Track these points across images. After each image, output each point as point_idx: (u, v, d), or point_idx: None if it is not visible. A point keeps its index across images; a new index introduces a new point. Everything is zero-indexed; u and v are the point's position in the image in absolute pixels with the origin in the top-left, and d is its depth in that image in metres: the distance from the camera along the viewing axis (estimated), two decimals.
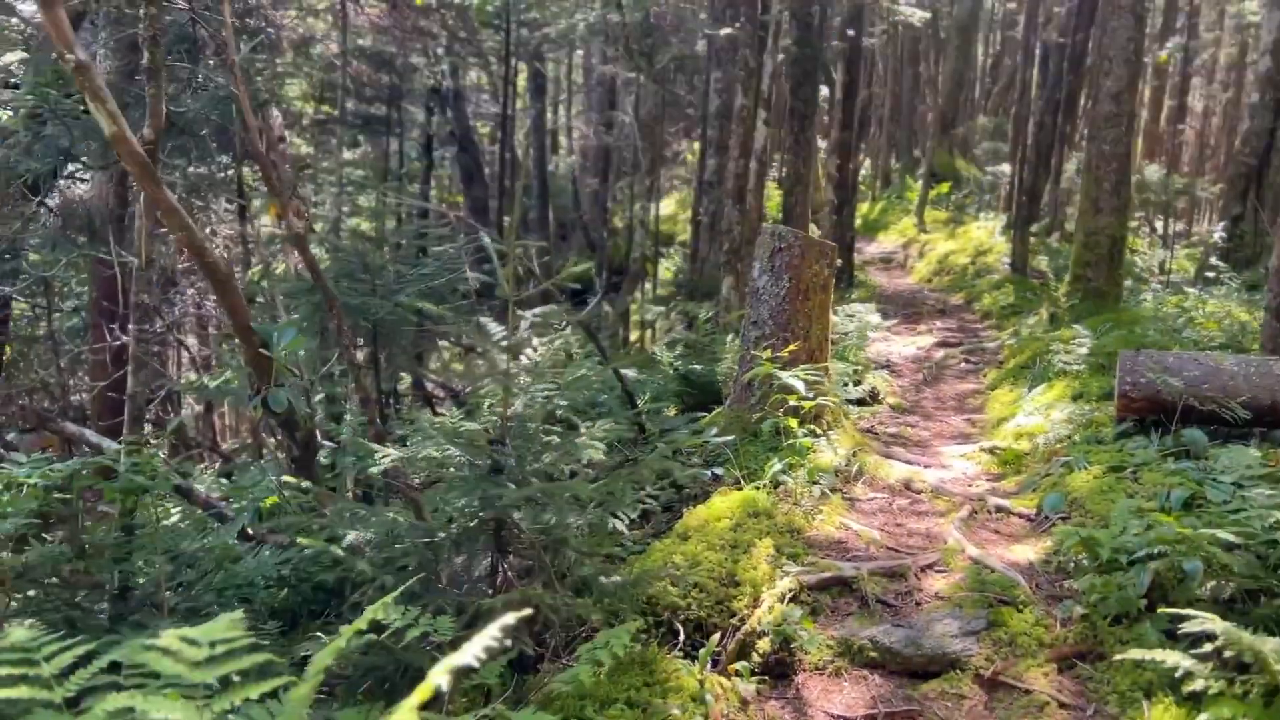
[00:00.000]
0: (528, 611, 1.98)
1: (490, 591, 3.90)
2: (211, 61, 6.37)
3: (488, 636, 1.81)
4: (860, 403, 8.47)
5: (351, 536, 3.98)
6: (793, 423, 5.96)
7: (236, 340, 4.75)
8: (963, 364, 10.70)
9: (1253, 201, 12.74)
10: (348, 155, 23.08)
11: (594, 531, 4.19)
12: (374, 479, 5.47)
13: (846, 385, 8.28)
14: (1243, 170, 13.06)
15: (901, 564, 4.79)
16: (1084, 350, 8.39)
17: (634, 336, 14.73)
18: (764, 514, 5.12)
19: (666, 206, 27.40)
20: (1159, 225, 20.51)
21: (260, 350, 4.37)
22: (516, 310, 4.23)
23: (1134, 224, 18.95)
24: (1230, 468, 5.04)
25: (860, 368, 9.26)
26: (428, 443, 4.01)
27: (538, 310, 4.35)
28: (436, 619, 3.51)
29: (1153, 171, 20.75)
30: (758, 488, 5.49)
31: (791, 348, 6.33)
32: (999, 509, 5.56)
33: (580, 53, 25.83)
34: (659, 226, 22.45)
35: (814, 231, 16.39)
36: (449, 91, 17.86)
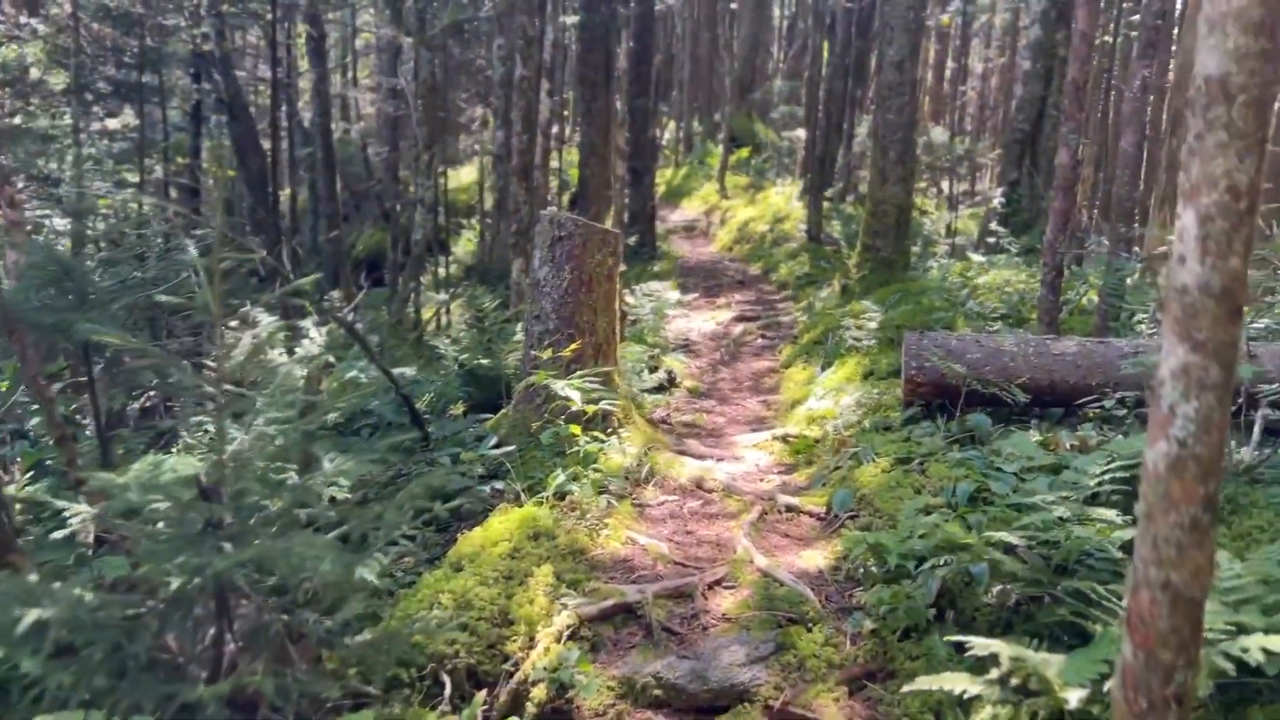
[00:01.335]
0: None
1: (206, 675, 3.30)
2: None
3: None
4: (658, 389, 8.18)
5: (32, 616, 3.27)
6: (576, 430, 5.55)
7: None
8: (759, 340, 10.58)
9: (1027, 167, 13.22)
10: (113, 125, 20.91)
11: (337, 584, 3.64)
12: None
13: (641, 373, 7.95)
14: (1017, 137, 13.52)
15: (689, 582, 4.47)
16: (874, 325, 8.37)
17: (428, 315, 13.98)
18: (545, 534, 4.70)
19: (469, 174, 26.37)
20: (945, 187, 21.33)
21: None
22: (230, 327, 3.61)
23: (922, 185, 19.58)
24: (1013, 456, 4.98)
25: (658, 350, 8.96)
26: (122, 495, 3.35)
27: (260, 327, 3.73)
28: None
29: (939, 134, 21.52)
30: (540, 502, 5.06)
31: (575, 346, 5.91)
32: (789, 508, 5.34)
33: (372, 13, 24.44)
34: (457, 199, 21.62)
35: (612, 203, 16.02)
36: (216, 55, 16.36)
